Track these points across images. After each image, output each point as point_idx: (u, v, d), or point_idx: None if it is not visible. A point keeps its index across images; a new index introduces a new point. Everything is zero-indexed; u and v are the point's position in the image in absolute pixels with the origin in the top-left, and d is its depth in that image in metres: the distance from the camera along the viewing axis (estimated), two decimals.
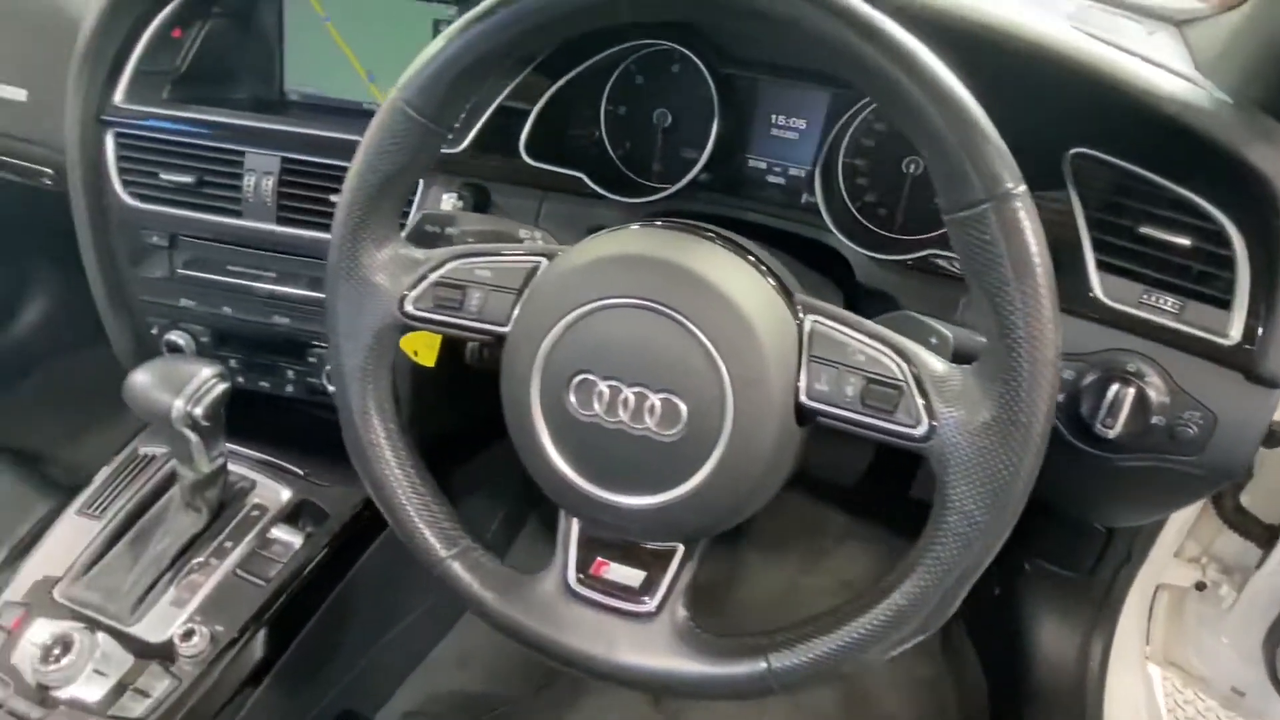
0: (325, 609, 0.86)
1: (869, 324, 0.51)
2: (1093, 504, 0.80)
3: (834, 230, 0.71)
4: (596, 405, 0.52)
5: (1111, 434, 0.61)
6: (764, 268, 0.54)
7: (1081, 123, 0.64)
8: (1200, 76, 0.64)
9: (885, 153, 0.73)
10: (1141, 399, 0.61)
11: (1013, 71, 0.61)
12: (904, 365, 0.49)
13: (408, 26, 0.84)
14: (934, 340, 0.54)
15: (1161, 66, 0.64)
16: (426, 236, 0.66)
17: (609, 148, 0.81)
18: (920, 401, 0.48)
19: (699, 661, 0.55)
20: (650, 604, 0.57)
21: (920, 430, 0.48)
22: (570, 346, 0.52)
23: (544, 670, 1.18)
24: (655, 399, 0.51)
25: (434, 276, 0.57)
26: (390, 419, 0.59)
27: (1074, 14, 0.80)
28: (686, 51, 0.75)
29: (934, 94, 0.44)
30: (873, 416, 0.49)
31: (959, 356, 0.53)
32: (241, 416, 0.82)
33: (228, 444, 0.82)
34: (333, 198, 0.81)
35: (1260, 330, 0.59)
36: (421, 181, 0.80)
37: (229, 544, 0.83)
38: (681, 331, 0.50)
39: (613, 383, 0.51)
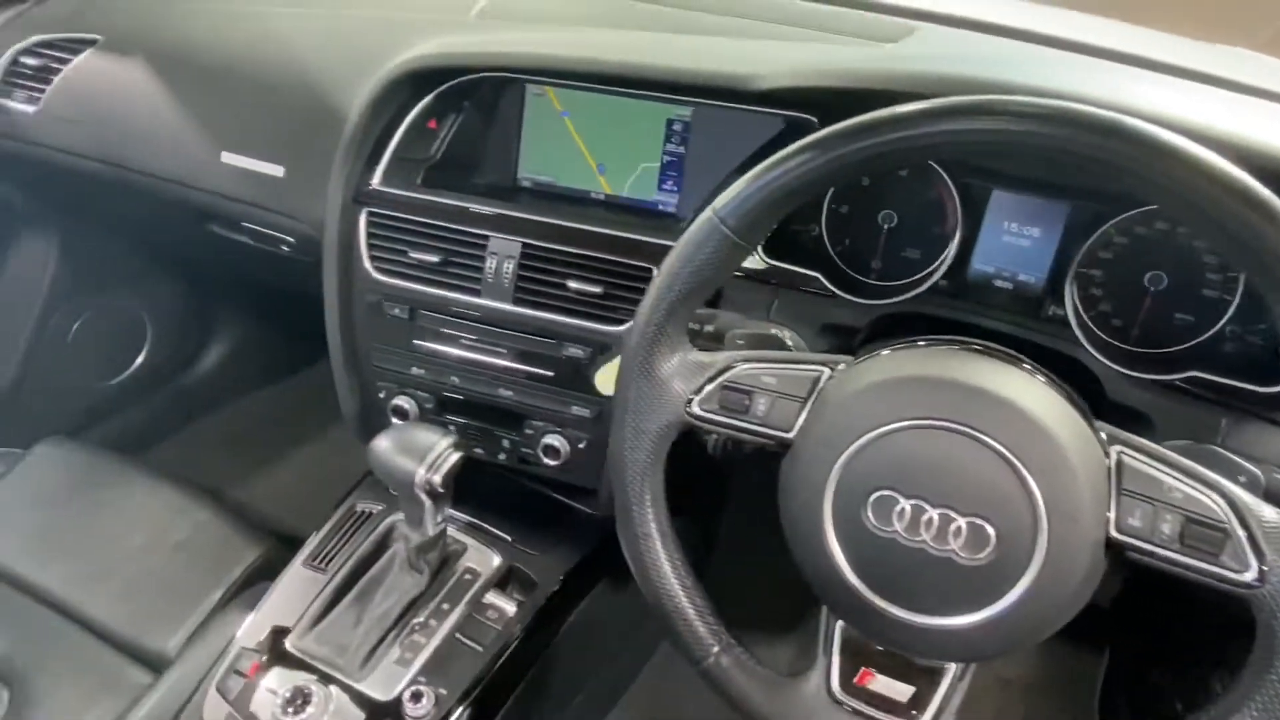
0: (528, 679, 0.88)
1: (1183, 460, 0.51)
2: None
3: (1085, 344, 0.71)
4: (896, 522, 0.53)
5: None
6: (1066, 393, 0.55)
7: None
8: None
9: (1124, 265, 0.73)
10: None
11: None
12: (1226, 506, 0.49)
13: (641, 125, 0.89)
14: (1243, 479, 0.54)
15: None
16: (704, 339, 0.69)
17: (828, 244, 0.84)
18: (1248, 546, 0.48)
19: None
20: None
21: (1248, 576, 0.48)
22: (870, 462, 0.54)
23: None
24: (962, 522, 0.52)
25: (720, 380, 0.60)
26: (663, 513, 0.62)
27: None
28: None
29: None
30: (1193, 558, 0.49)
31: (1270, 496, 0.52)
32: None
33: None
34: (570, 283, 0.85)
35: None
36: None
37: (446, 606, 0.87)
38: (995, 458, 0.51)
39: (917, 502, 0.52)
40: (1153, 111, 0.63)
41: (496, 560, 0.91)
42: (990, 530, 0.51)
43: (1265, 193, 0.46)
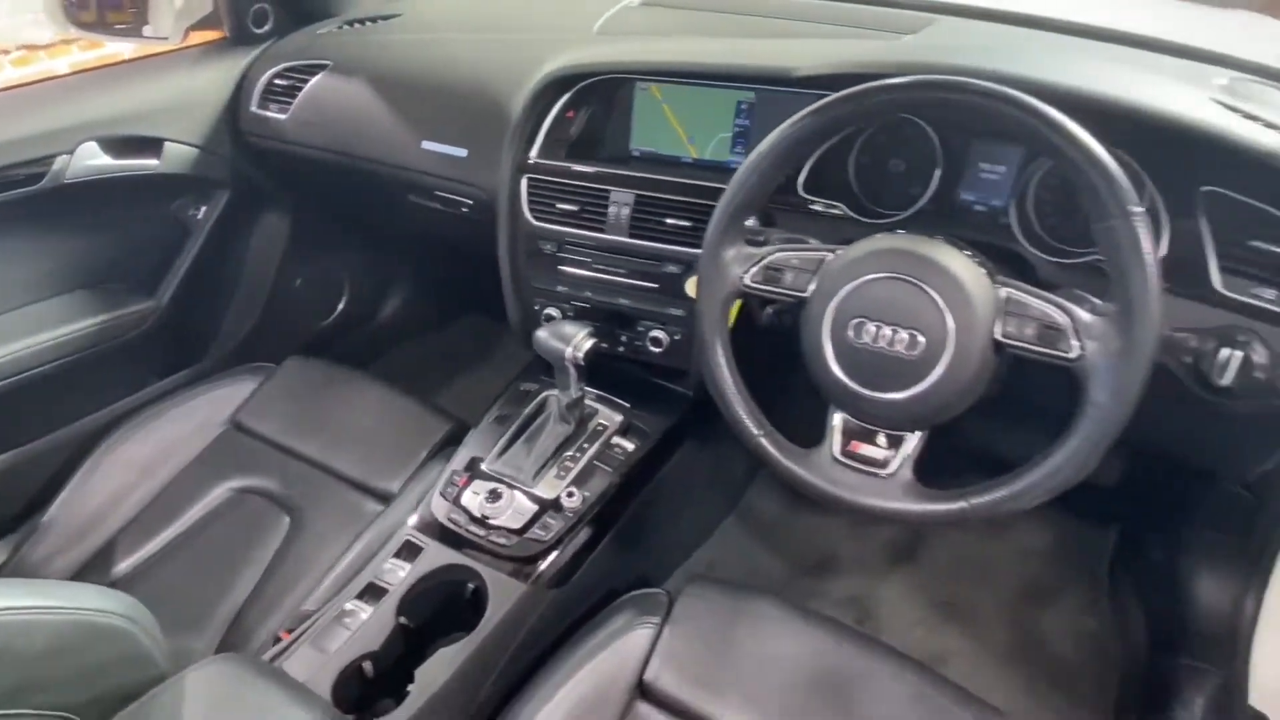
0: (643, 495, 1.26)
1: (1044, 292, 0.83)
2: (1225, 450, 1.05)
3: (1023, 242, 1.02)
4: (866, 337, 0.87)
5: (1223, 382, 0.87)
6: (979, 260, 0.88)
7: (1208, 170, 0.92)
8: None
9: (1065, 189, 1.04)
10: (1248, 359, 0.88)
11: (1154, 135, 0.90)
12: (1065, 317, 0.81)
13: (718, 105, 1.24)
14: (1085, 305, 0.85)
15: None
16: (754, 241, 1.04)
17: (854, 185, 1.17)
18: (1074, 338, 0.80)
19: (920, 503, 0.88)
20: (890, 469, 0.91)
21: (1073, 355, 0.80)
22: (853, 302, 0.88)
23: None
24: (904, 333, 0.85)
25: (764, 262, 0.95)
26: (728, 349, 0.98)
27: (1226, 86, 1.05)
28: (919, 121, 1.09)
29: (1088, 159, 0.76)
30: (1043, 347, 0.81)
31: (1096, 312, 0.84)
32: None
33: None
34: (668, 220, 1.22)
35: None
36: None
37: (586, 445, 1.26)
38: (924, 294, 0.85)
39: (877, 323, 0.87)
40: (1046, 81, 0.93)
41: (618, 418, 1.30)
42: (921, 338, 0.85)
43: (1055, 114, 0.77)
